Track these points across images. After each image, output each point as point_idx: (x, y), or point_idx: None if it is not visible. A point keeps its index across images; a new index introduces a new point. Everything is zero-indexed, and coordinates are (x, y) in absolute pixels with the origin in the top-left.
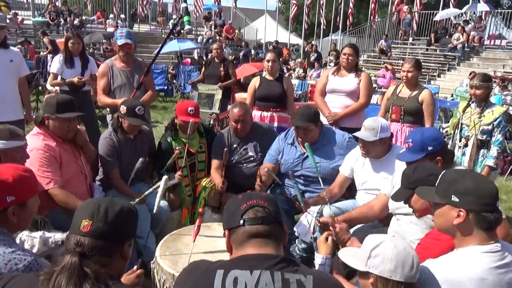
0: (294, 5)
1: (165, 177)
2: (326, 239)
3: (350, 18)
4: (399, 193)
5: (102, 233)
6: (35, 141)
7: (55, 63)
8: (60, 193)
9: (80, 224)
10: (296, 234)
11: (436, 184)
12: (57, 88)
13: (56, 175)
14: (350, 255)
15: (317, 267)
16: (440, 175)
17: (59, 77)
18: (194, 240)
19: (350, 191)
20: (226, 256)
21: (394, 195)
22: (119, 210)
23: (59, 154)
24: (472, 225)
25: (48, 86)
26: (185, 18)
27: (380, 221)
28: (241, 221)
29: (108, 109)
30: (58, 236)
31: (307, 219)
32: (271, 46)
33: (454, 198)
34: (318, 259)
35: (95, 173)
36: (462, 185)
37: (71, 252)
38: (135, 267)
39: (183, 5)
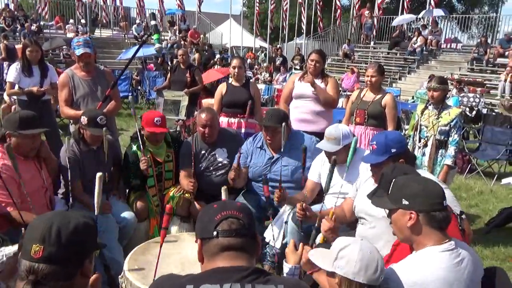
0: (259, 12)
1: (99, 174)
2: (295, 248)
3: (321, 24)
4: (374, 191)
5: (57, 258)
6: None
7: (11, 72)
8: (18, 217)
9: (30, 250)
10: (266, 240)
11: (389, 192)
12: (15, 97)
13: (14, 197)
14: (318, 255)
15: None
16: (393, 182)
17: (16, 86)
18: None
19: (318, 195)
20: (197, 267)
21: (369, 194)
22: (74, 228)
23: (19, 173)
24: (424, 225)
25: (5, 97)
26: (155, 37)
27: (348, 225)
28: (215, 233)
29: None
30: (7, 249)
31: (277, 225)
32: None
33: (405, 202)
34: (286, 268)
35: (57, 185)
36: (410, 189)
37: (24, 280)
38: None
39: (153, 22)
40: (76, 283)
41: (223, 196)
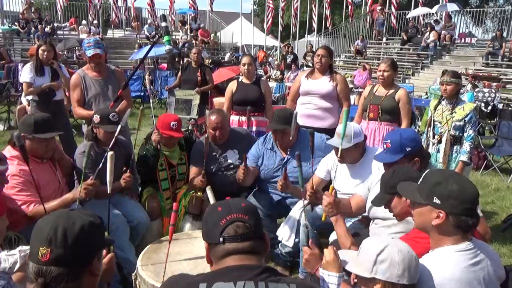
0: (271, 9)
1: (111, 153)
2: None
3: (328, 21)
4: (379, 198)
5: (64, 260)
6: (9, 166)
7: (26, 72)
8: (41, 209)
9: (37, 253)
10: (279, 238)
11: (419, 183)
12: (30, 98)
13: (34, 197)
14: (351, 262)
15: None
16: (424, 174)
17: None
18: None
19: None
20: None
21: (374, 200)
22: (80, 230)
23: (36, 177)
24: (450, 226)
25: (23, 99)
26: (165, 38)
27: (362, 223)
28: (221, 239)
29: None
30: (26, 248)
31: (289, 223)
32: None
33: (436, 200)
34: (333, 278)
35: (70, 185)
36: (445, 188)
37: (33, 282)
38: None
39: (163, 24)
40: (85, 282)
41: (209, 195)
